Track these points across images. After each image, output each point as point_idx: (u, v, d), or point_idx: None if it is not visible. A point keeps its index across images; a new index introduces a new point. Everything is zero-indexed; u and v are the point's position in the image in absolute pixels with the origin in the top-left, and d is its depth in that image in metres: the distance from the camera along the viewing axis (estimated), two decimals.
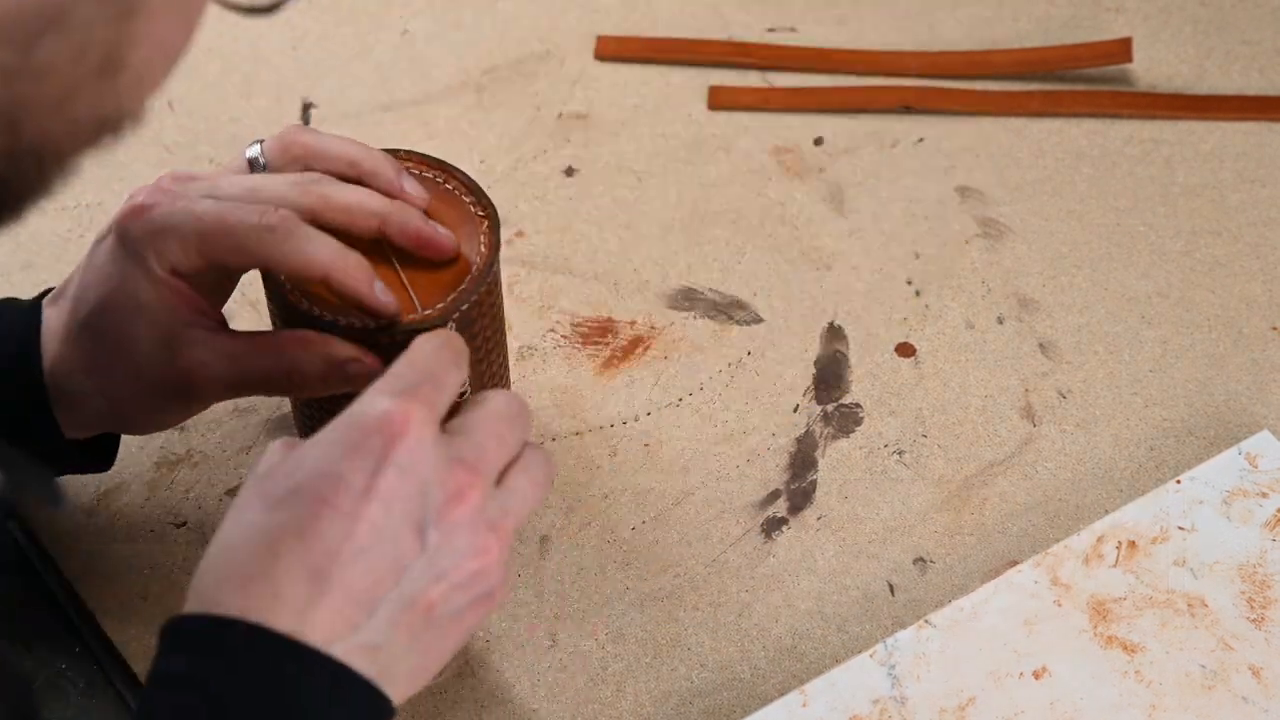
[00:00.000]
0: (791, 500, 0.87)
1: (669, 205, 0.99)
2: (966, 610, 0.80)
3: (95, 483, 0.87)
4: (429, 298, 0.75)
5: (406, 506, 0.61)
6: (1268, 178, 0.99)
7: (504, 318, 0.81)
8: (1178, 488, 0.84)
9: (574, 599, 0.84)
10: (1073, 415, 0.90)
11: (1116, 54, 1.03)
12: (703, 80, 1.05)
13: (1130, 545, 0.82)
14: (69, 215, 0.99)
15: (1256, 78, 1.04)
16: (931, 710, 0.77)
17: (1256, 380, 0.91)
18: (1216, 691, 0.78)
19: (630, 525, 0.87)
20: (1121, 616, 0.80)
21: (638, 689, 0.81)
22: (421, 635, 0.62)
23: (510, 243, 0.97)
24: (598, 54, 1.06)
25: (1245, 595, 0.81)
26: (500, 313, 0.80)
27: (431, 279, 0.76)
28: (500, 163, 1.01)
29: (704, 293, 0.95)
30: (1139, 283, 0.95)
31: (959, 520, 0.86)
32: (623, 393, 0.91)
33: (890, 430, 0.90)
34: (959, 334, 0.93)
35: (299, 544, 0.59)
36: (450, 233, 0.76)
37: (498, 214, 0.78)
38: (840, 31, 1.07)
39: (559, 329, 0.94)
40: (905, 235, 0.97)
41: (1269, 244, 0.96)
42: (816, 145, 1.01)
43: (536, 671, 0.82)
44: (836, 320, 0.94)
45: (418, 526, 0.62)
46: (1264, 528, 0.83)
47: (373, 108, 1.03)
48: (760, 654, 0.82)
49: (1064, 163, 1.01)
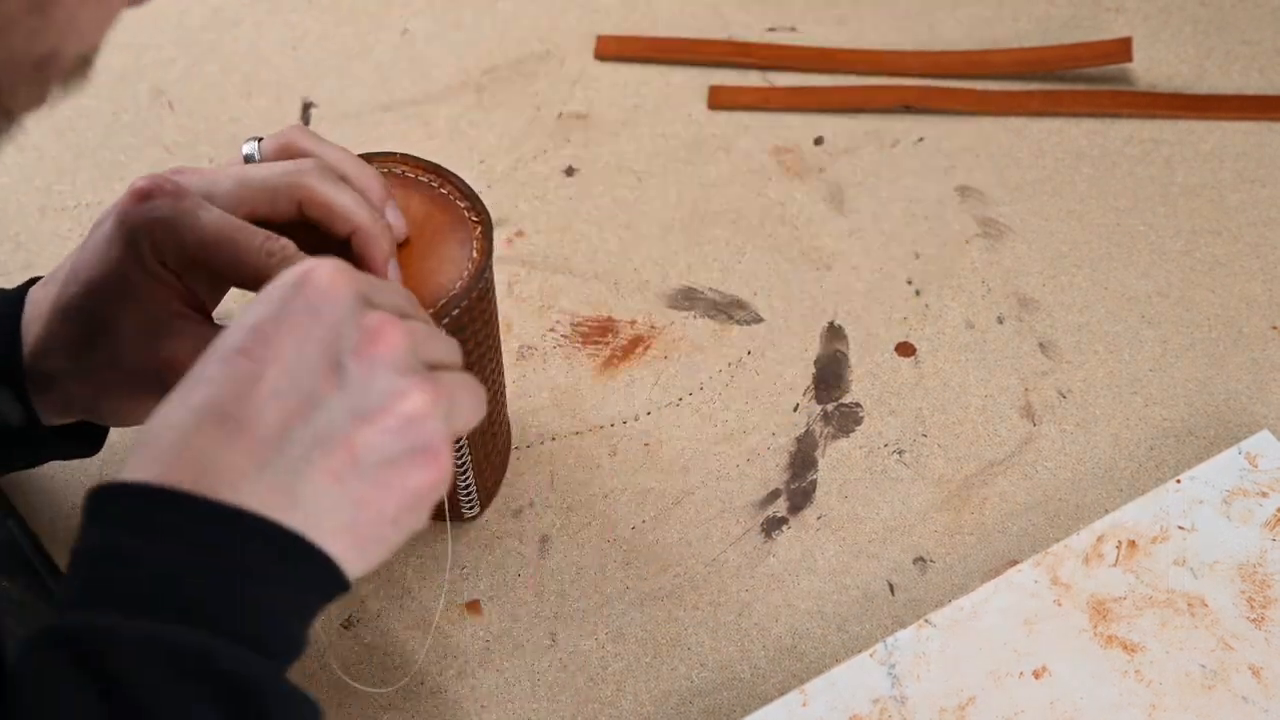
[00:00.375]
0: (791, 500, 0.87)
1: (669, 205, 0.99)
2: (966, 610, 0.80)
3: (95, 483, 0.87)
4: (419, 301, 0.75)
5: (320, 344, 0.60)
6: (1267, 177, 0.99)
7: (497, 323, 0.81)
8: (1178, 487, 0.84)
9: (574, 598, 0.84)
10: (1073, 415, 0.90)
11: (1116, 54, 1.03)
12: (703, 80, 1.05)
13: (1130, 545, 0.83)
14: (69, 215, 0.99)
15: (1256, 78, 1.04)
16: (931, 710, 0.77)
17: (1256, 380, 0.91)
18: (1216, 691, 0.78)
19: (630, 525, 0.87)
20: (1121, 616, 0.80)
21: (638, 688, 0.81)
22: (349, 480, 0.60)
23: (510, 242, 0.97)
24: (598, 54, 1.06)
25: (1245, 595, 0.81)
26: (493, 318, 0.80)
27: (422, 282, 0.75)
28: (500, 162, 1.01)
29: (704, 292, 0.95)
30: (1139, 282, 0.95)
31: (959, 520, 0.86)
32: (623, 392, 0.91)
33: (890, 430, 0.90)
34: (959, 333, 0.93)
35: (214, 394, 0.58)
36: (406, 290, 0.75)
37: (491, 220, 0.78)
38: (840, 31, 1.07)
39: (559, 328, 0.94)
40: (905, 235, 0.97)
41: (1269, 243, 0.97)
42: (817, 145, 1.01)
43: (536, 671, 0.82)
44: (836, 320, 0.94)
45: (333, 363, 0.60)
46: (1264, 527, 0.83)
47: (373, 107, 1.03)
48: (760, 653, 0.82)
49: (1064, 162, 1.01)
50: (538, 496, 0.88)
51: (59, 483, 0.88)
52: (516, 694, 0.81)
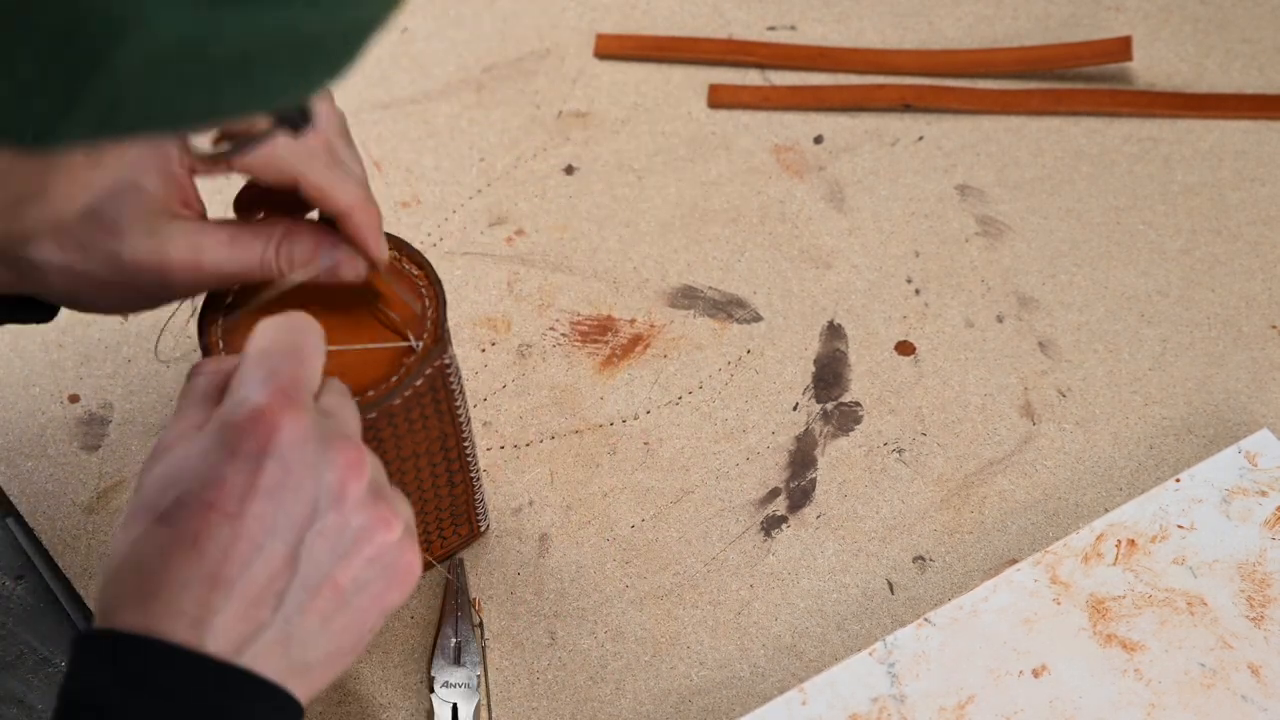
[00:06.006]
0: (791, 498, 0.87)
1: (669, 203, 0.99)
2: (966, 609, 0.81)
3: (95, 482, 0.87)
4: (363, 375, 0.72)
5: (295, 496, 0.61)
6: (1267, 176, 0.99)
7: (462, 401, 0.78)
8: (1177, 486, 0.84)
9: (573, 597, 0.84)
10: (1072, 414, 0.90)
11: (1116, 52, 1.03)
12: (703, 78, 1.05)
13: (1130, 544, 0.83)
14: None
15: (1256, 76, 1.04)
16: (931, 708, 0.78)
17: (1256, 379, 0.91)
18: (1216, 690, 0.78)
19: (630, 523, 0.87)
20: (1121, 615, 0.80)
21: (637, 687, 0.81)
22: (335, 617, 0.62)
23: (510, 241, 0.97)
24: (597, 52, 1.06)
25: (1244, 594, 0.81)
26: (451, 399, 0.76)
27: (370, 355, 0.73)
28: (500, 161, 1.01)
29: (704, 291, 0.95)
30: (1138, 281, 0.95)
31: (958, 518, 0.86)
32: (622, 391, 0.91)
33: (890, 428, 0.90)
34: (959, 332, 0.93)
35: (192, 553, 0.59)
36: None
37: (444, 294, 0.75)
38: (840, 29, 1.07)
39: (559, 327, 0.94)
40: (905, 233, 0.97)
41: (1268, 242, 0.96)
42: (816, 143, 1.01)
43: (536, 670, 0.82)
44: (836, 318, 0.94)
45: (311, 513, 0.61)
46: (1263, 526, 0.83)
47: (372, 105, 1.03)
48: (760, 652, 0.82)
49: (1063, 161, 1.01)
50: (537, 495, 0.88)
51: (59, 483, 0.88)
52: (516, 693, 0.81)
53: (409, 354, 0.73)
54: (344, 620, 0.62)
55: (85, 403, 0.90)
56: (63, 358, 0.91)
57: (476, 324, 0.94)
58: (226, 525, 0.60)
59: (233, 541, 0.59)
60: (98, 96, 0.45)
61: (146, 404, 0.90)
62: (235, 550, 0.59)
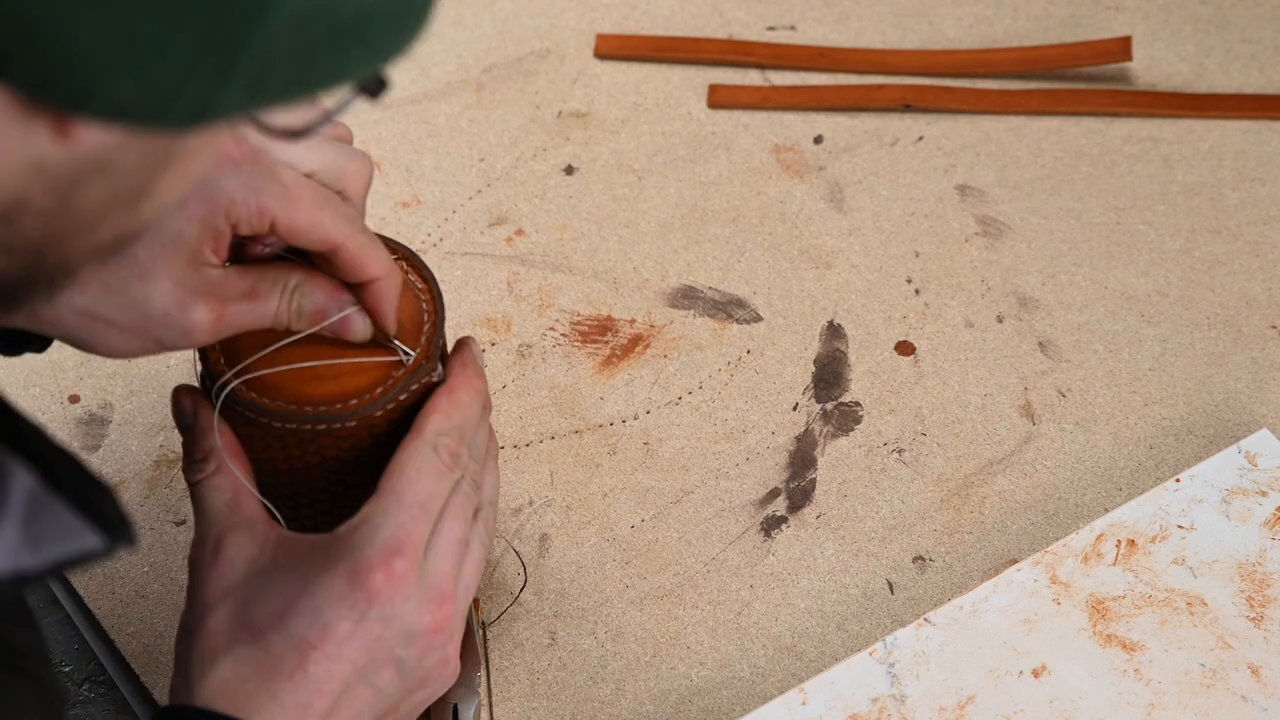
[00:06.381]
0: (791, 499, 0.87)
1: (669, 203, 0.99)
2: (966, 609, 0.81)
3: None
4: (350, 382, 0.71)
5: (388, 646, 0.67)
6: (1267, 176, 0.99)
7: None
8: (1177, 486, 0.84)
9: (573, 597, 0.84)
10: (1072, 414, 0.90)
11: (1116, 52, 1.03)
12: (702, 78, 1.05)
13: (1129, 544, 0.83)
14: None
15: (1256, 76, 1.04)
16: (931, 708, 0.78)
17: (1256, 379, 0.91)
18: (1215, 690, 0.78)
19: (630, 523, 0.87)
20: (1121, 615, 0.80)
21: (637, 687, 0.81)
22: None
23: (510, 241, 0.97)
24: (597, 52, 1.06)
25: (1244, 594, 0.81)
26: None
27: (362, 365, 0.71)
28: (500, 161, 1.01)
29: (703, 291, 0.95)
30: (1138, 281, 0.95)
31: (958, 519, 0.86)
32: (622, 391, 0.91)
33: (890, 429, 0.90)
34: (958, 332, 0.93)
35: (289, 683, 0.66)
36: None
37: (444, 311, 0.73)
38: (840, 30, 1.07)
39: (558, 327, 0.94)
40: (905, 234, 0.97)
41: (1268, 242, 0.96)
42: (816, 143, 1.01)
43: (536, 670, 0.82)
44: (836, 319, 0.94)
45: (397, 659, 0.68)
46: (1263, 526, 0.83)
47: (372, 105, 1.03)
48: (760, 652, 0.82)
49: (1063, 161, 1.01)
50: (537, 495, 0.88)
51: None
52: (516, 693, 0.81)
53: (399, 367, 0.72)
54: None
55: (85, 403, 0.90)
56: (63, 358, 0.91)
57: (476, 324, 0.94)
58: (325, 664, 0.66)
59: (327, 679, 0.66)
60: (251, 63, 0.45)
61: (146, 404, 0.90)
62: (328, 687, 0.66)
